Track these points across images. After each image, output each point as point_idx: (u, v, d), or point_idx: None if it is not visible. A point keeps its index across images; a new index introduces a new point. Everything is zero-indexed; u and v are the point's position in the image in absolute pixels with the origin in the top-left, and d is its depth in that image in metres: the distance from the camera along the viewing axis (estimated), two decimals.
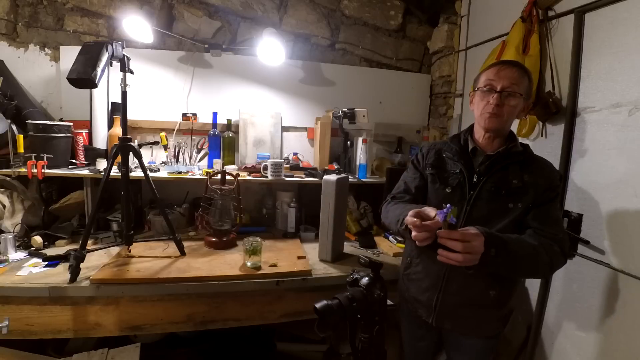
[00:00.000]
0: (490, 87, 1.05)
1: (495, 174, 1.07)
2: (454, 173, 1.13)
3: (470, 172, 1.10)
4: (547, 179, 1.05)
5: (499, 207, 1.05)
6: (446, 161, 1.17)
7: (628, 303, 1.16)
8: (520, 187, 1.04)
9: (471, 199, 1.07)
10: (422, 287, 1.17)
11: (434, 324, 1.14)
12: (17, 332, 1.26)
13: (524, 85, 1.04)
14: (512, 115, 1.06)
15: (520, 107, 1.06)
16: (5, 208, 1.63)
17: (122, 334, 1.36)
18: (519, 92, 1.03)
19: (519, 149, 1.09)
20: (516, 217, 1.04)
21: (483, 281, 1.07)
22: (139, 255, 1.53)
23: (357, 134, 2.11)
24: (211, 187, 1.71)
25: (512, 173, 1.06)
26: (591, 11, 1.32)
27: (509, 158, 1.07)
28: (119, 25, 1.96)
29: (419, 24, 2.40)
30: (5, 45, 1.93)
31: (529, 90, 1.07)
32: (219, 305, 1.41)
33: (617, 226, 1.20)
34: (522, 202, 1.04)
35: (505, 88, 1.03)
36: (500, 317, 1.14)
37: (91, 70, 1.21)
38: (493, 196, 1.05)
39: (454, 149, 1.16)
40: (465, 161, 1.12)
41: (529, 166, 1.07)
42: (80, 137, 1.86)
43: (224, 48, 2.08)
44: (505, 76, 1.03)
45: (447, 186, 1.12)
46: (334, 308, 0.91)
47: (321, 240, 1.64)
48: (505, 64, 1.07)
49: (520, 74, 1.04)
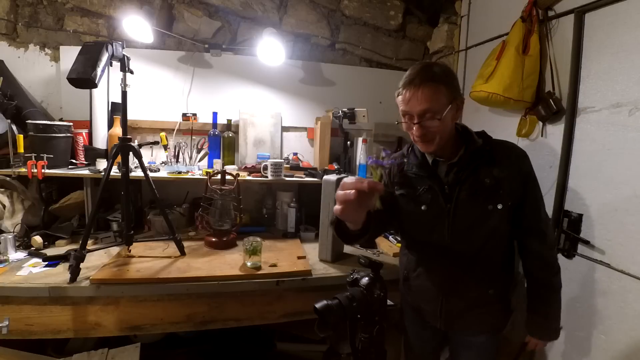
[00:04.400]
0: (408, 117, 0.99)
1: (466, 180, 1.03)
2: (424, 190, 1.08)
3: (439, 185, 1.05)
4: (515, 168, 1.02)
5: (479, 212, 1.02)
6: (410, 179, 1.11)
7: (628, 303, 1.16)
8: (495, 185, 1.00)
9: (450, 211, 1.04)
10: (425, 298, 1.17)
11: (443, 328, 1.15)
12: (17, 332, 1.26)
13: (441, 99, 0.95)
14: (444, 129, 0.98)
15: (450, 115, 0.98)
16: (5, 208, 1.63)
17: (122, 334, 1.36)
18: (436, 115, 0.94)
19: (478, 144, 1.03)
20: (499, 219, 1.02)
21: (480, 283, 1.08)
22: (139, 255, 1.53)
23: (357, 134, 2.11)
24: (211, 187, 1.71)
25: (482, 172, 1.02)
26: (591, 11, 1.32)
27: (473, 159, 1.03)
28: (119, 25, 1.96)
29: (419, 24, 2.40)
30: (5, 45, 1.93)
31: (450, 94, 0.96)
32: (219, 305, 1.41)
33: (617, 226, 1.20)
34: (501, 202, 1.00)
35: (421, 115, 0.95)
36: (501, 313, 1.15)
37: (91, 70, 1.21)
38: (470, 203, 1.02)
39: (414, 166, 1.10)
40: (430, 175, 1.07)
41: (495, 158, 1.03)
42: (80, 137, 1.86)
43: (224, 48, 2.08)
44: (415, 102, 0.95)
45: (422, 204, 1.08)
46: (334, 308, 0.91)
47: (321, 240, 1.64)
48: (410, 85, 0.95)
49: (432, 90, 0.93)
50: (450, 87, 0.97)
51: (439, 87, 0.95)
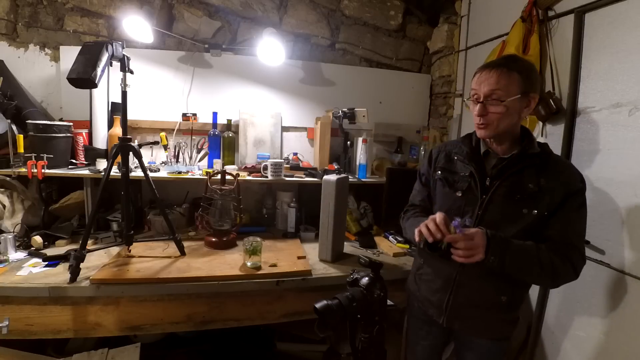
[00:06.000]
0: (476, 97, 1.01)
1: (509, 177, 1.02)
2: (464, 176, 1.09)
3: (482, 175, 1.06)
4: (565, 183, 0.99)
5: (513, 212, 1.01)
6: (456, 163, 1.13)
7: (628, 303, 1.16)
8: (536, 192, 0.99)
9: (483, 203, 1.04)
10: (433, 288, 1.17)
11: (445, 324, 1.14)
12: (17, 332, 1.26)
13: (511, 86, 0.96)
14: (505, 120, 0.99)
15: (518, 107, 0.98)
16: (5, 208, 1.63)
17: (122, 334, 1.36)
18: (500, 98, 0.96)
19: (536, 151, 1.03)
20: (530, 223, 1.00)
21: (494, 286, 1.05)
22: (139, 255, 1.53)
23: (357, 134, 2.11)
24: (211, 187, 1.71)
25: (528, 177, 1.01)
26: (591, 11, 1.32)
27: (523, 161, 1.02)
28: (119, 25, 1.96)
29: (419, 24, 2.40)
30: (5, 45, 1.93)
31: (523, 85, 0.97)
32: (219, 305, 1.41)
33: (617, 226, 1.20)
34: (537, 209, 0.99)
35: (487, 96, 0.98)
36: (510, 320, 1.12)
37: (91, 70, 1.21)
38: (506, 201, 1.02)
39: (464, 151, 1.12)
40: (477, 164, 1.08)
41: (547, 169, 1.01)
42: (80, 137, 1.86)
43: (224, 48, 2.08)
44: (485, 83, 0.98)
45: (457, 190, 1.09)
46: (334, 308, 0.91)
47: (321, 240, 1.64)
48: (486, 67, 1.00)
49: (505, 74, 0.96)
50: (525, 79, 0.97)
51: (512, 74, 0.96)
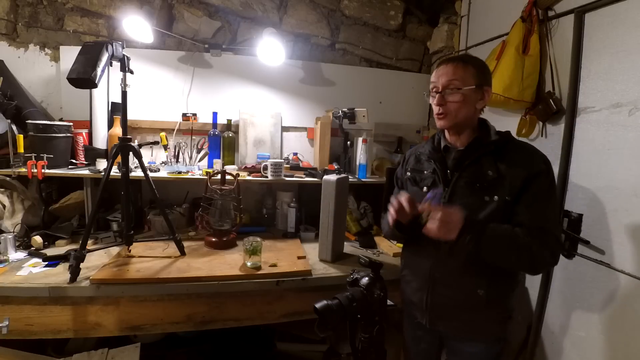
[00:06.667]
0: (435, 89, 1.06)
1: (467, 167, 1.06)
2: (429, 173, 1.15)
3: (444, 169, 1.11)
4: (525, 166, 1.00)
5: (474, 201, 1.03)
6: (423, 163, 1.20)
7: (628, 303, 1.16)
8: (496, 179, 1.01)
9: (446, 195, 1.07)
10: (414, 288, 1.18)
11: (428, 325, 1.14)
12: (17, 332, 1.26)
13: (467, 77, 1.01)
14: (462, 109, 1.03)
15: (473, 97, 1.03)
16: (5, 208, 1.63)
17: (122, 334, 1.36)
18: (457, 87, 1.01)
19: (491, 139, 1.06)
20: (495, 210, 1.00)
21: (469, 281, 1.05)
22: (139, 255, 1.53)
23: (357, 134, 2.11)
24: (211, 187, 1.71)
25: (486, 164, 1.03)
26: (591, 11, 1.32)
27: (478, 150, 1.05)
28: (119, 25, 1.96)
29: (419, 24, 2.40)
30: (5, 45, 1.93)
31: (477, 78, 1.02)
32: (218, 305, 1.41)
33: (617, 226, 1.20)
34: (498, 194, 1.00)
35: (445, 87, 1.03)
36: (496, 319, 1.09)
37: (91, 70, 1.21)
38: (468, 191, 1.05)
39: (427, 150, 1.18)
40: (438, 159, 1.13)
41: (506, 155, 1.03)
42: (80, 137, 1.86)
43: (224, 48, 2.08)
44: (443, 74, 1.04)
45: (423, 187, 1.15)
46: (334, 308, 0.91)
47: (321, 240, 1.64)
48: (444, 62, 1.06)
49: (460, 67, 1.02)
50: (479, 72, 1.03)
51: (468, 67, 1.03)
